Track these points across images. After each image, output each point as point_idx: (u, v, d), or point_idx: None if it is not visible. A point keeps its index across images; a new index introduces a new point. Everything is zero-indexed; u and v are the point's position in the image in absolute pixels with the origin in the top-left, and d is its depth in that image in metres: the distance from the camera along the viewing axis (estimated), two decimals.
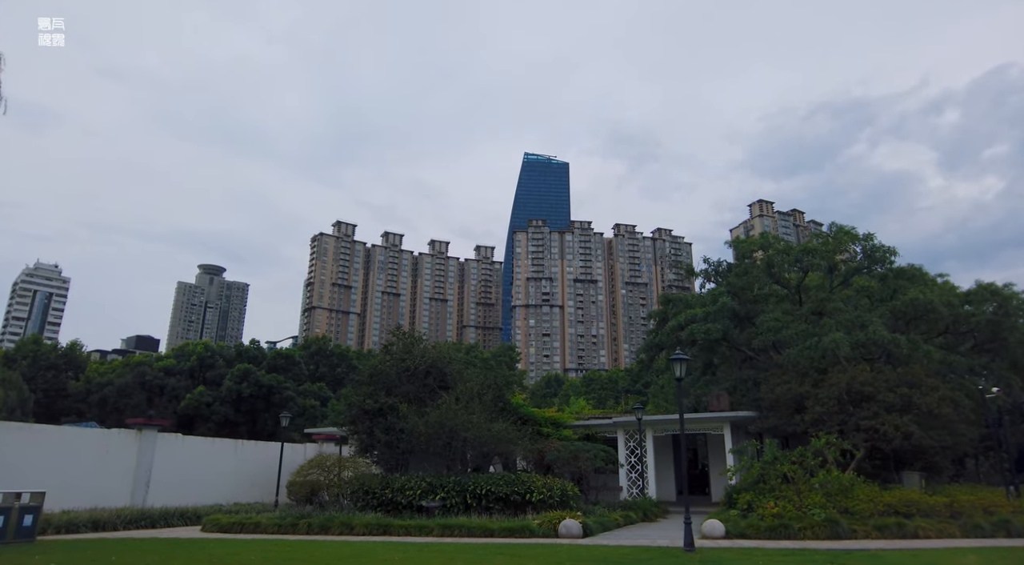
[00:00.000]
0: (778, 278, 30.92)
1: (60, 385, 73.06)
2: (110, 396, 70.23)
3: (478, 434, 22.10)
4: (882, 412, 20.97)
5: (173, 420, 69.54)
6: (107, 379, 71.73)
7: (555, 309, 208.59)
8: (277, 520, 19.16)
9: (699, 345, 31.20)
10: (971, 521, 17.04)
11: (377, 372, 26.29)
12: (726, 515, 18.42)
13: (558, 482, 21.26)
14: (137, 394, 71.39)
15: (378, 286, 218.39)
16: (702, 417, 26.77)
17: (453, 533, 17.48)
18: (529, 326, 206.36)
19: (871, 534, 16.34)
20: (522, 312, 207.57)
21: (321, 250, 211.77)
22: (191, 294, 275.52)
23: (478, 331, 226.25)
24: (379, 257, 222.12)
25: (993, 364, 31.68)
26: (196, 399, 67.89)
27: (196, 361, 75.97)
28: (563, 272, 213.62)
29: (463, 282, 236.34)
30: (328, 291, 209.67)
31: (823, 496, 17.83)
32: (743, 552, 14.11)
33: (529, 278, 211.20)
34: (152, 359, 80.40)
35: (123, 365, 75.78)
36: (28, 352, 74.08)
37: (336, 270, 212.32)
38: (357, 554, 13.69)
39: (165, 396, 72.85)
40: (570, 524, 17.14)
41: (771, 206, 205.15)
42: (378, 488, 21.84)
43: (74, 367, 76.09)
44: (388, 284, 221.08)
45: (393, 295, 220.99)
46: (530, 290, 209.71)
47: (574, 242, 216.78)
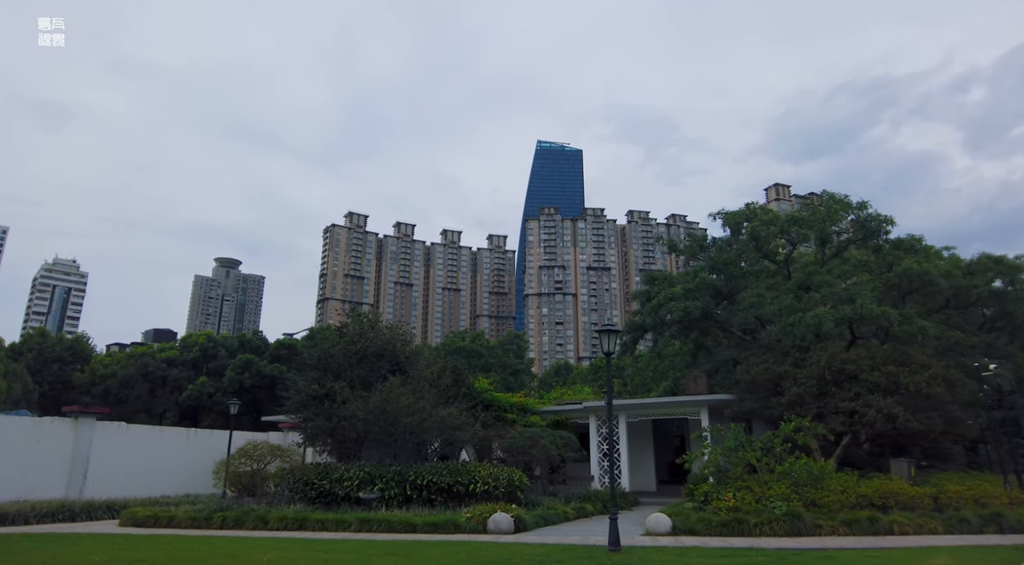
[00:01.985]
0: (766, 252, 28.67)
1: (66, 377, 73.03)
2: (113, 388, 70.00)
3: (421, 420, 20.36)
4: (864, 393, 18.79)
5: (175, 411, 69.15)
6: (111, 371, 71.53)
7: (568, 297, 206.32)
8: (193, 514, 17.70)
9: (680, 324, 29.12)
10: (957, 515, 14.95)
11: (326, 355, 24.67)
12: (679, 508, 16.52)
13: (505, 472, 19.47)
14: (140, 385, 71.11)
15: (391, 277, 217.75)
16: (676, 401, 24.79)
17: (372, 528, 15.84)
18: (542, 315, 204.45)
19: (838, 530, 14.32)
20: (535, 301, 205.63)
21: (333, 241, 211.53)
22: (208, 287, 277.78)
23: (491, 320, 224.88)
24: (391, 247, 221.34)
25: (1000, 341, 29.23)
26: (198, 390, 67.36)
27: (199, 352, 75.51)
28: (576, 260, 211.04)
29: (476, 271, 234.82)
30: (341, 282, 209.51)
31: (790, 487, 15.84)
32: (676, 552, 12.23)
33: (542, 266, 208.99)
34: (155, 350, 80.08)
35: (127, 357, 75.60)
36: (34, 344, 74.12)
37: (348, 261, 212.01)
38: (230, 553, 12.06)
39: (168, 387, 72.48)
40: (500, 518, 15.35)
41: (787, 189, 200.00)
42: (316, 478, 20.28)
43: (80, 359, 76.05)
44: (401, 274, 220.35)
45: (406, 285, 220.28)
46: (543, 278, 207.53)
47: (587, 229, 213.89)
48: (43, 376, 72.90)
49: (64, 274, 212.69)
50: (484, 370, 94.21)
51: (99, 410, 25.27)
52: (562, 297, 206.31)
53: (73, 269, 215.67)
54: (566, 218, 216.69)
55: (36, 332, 78.43)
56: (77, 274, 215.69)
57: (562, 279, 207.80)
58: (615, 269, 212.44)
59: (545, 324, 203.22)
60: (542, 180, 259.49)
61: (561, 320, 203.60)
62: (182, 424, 57.99)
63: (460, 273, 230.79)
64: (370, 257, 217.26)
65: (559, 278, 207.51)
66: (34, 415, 31.87)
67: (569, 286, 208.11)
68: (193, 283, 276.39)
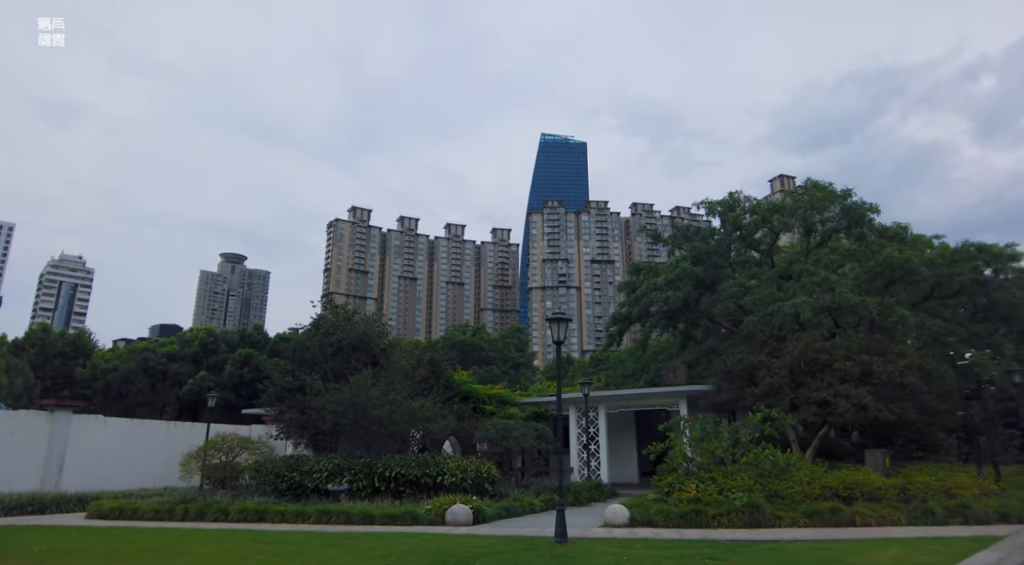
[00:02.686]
0: (751, 242, 28.31)
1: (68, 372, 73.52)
2: (114, 382, 70.42)
3: (391, 411, 20.21)
4: (836, 383, 18.45)
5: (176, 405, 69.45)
6: (112, 365, 71.94)
7: (572, 290, 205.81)
8: (157, 506, 17.63)
9: (666, 315, 28.82)
10: (923, 506, 14.61)
11: (301, 348, 24.57)
12: (641, 500, 16.29)
13: (473, 464, 19.31)
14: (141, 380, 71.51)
15: (394, 271, 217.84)
16: (654, 392, 24.54)
17: (331, 520, 15.71)
18: (546, 308, 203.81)
19: (799, 521, 14.04)
20: (539, 294, 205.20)
21: (337, 236, 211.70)
22: (213, 282, 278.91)
23: (495, 314, 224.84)
24: (395, 242, 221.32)
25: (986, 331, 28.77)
26: (198, 384, 67.67)
27: (199, 347, 75.80)
28: (579, 253, 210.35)
29: (480, 265, 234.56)
30: (345, 277, 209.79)
31: (754, 478, 15.55)
32: (623, 544, 12.01)
33: (545, 259, 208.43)
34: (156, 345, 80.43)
35: (128, 352, 75.97)
36: (36, 340, 74.64)
37: (352, 255, 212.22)
38: (170, 545, 11.93)
39: (168, 382, 72.83)
40: (457, 511, 15.17)
41: (792, 181, 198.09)
42: (286, 471, 20.21)
43: (82, 354, 76.52)
44: (404, 269, 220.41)
45: (410, 279, 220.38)
46: (546, 272, 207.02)
47: (590, 222, 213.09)
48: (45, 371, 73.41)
49: (70, 270, 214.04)
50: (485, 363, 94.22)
51: (75, 403, 25.28)
52: (566, 290, 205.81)
53: (79, 265, 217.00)
54: (570, 211, 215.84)
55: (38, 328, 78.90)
56: (83, 270, 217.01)
57: (566, 272, 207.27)
58: (619, 262, 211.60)
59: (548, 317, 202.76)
60: (546, 173, 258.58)
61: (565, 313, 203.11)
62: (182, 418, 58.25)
63: (464, 267, 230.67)
64: (374, 251, 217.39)
65: (563, 271, 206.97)
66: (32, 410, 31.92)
67: (573, 279, 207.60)
68: (199, 279, 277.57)
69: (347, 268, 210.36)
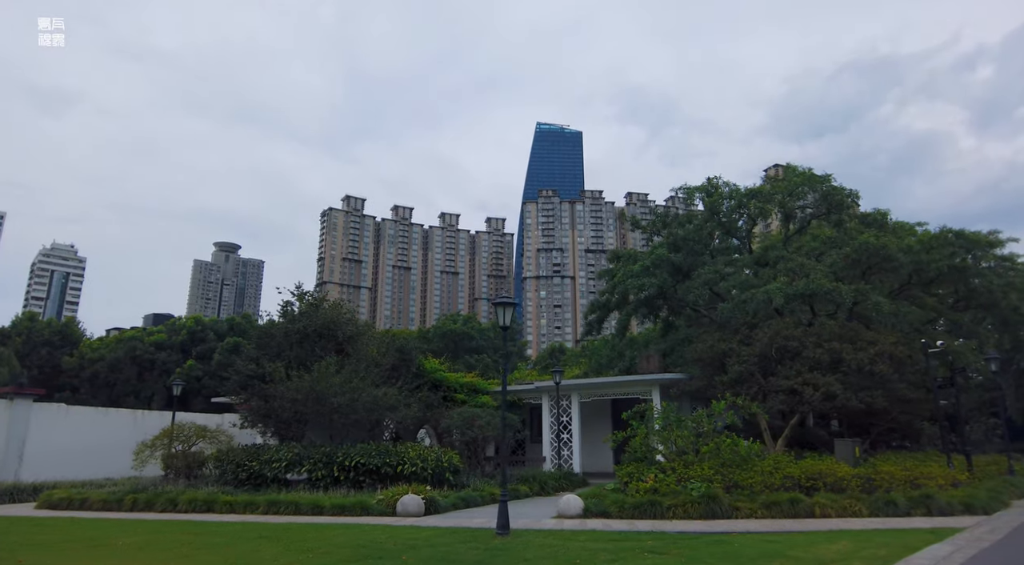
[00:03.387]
0: (728, 228, 27.79)
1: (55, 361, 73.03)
2: (101, 371, 70.00)
3: (352, 399, 19.74)
4: (805, 371, 18.02)
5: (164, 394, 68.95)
6: (99, 355, 71.49)
7: (566, 280, 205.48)
8: (105, 496, 17.23)
9: (647, 303, 28.38)
10: (886, 497, 14.23)
11: (265, 335, 24.07)
12: (598, 490, 15.90)
13: (434, 453, 18.88)
14: (128, 369, 71.11)
15: (388, 260, 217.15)
16: (626, 380, 24.11)
17: (279, 510, 15.29)
18: (540, 298, 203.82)
19: (756, 513, 13.64)
20: (533, 284, 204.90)
21: (331, 225, 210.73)
22: (207, 272, 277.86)
23: (490, 304, 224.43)
24: (389, 231, 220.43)
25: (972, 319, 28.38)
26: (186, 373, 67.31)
27: (187, 335, 75.33)
28: (574, 242, 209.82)
29: (474, 255, 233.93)
30: (339, 266, 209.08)
31: (715, 468, 15.14)
32: (567, 535, 11.59)
33: (540, 249, 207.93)
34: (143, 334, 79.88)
35: (116, 341, 75.48)
36: (23, 329, 74.06)
37: (346, 245, 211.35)
38: (92, 537, 11.50)
39: (156, 371, 72.44)
40: (408, 501, 14.75)
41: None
42: (246, 460, 19.76)
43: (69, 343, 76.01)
44: (399, 258, 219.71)
45: (404, 269, 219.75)
46: (541, 261, 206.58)
47: (585, 212, 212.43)
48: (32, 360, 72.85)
49: (62, 259, 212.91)
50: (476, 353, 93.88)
51: (34, 391, 24.75)
52: (560, 280, 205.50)
53: (71, 254, 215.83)
54: (564, 200, 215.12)
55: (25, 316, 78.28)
56: (75, 259, 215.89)
57: (560, 262, 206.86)
58: None
59: (543, 307, 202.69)
60: (541, 162, 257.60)
61: (559, 303, 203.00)
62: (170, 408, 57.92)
63: (458, 256, 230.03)
64: (368, 240, 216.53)
65: (557, 261, 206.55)
66: None
67: (567, 269, 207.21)
68: (192, 268, 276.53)
69: (341, 257, 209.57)
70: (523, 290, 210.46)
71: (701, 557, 9.44)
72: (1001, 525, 12.60)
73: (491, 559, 9.48)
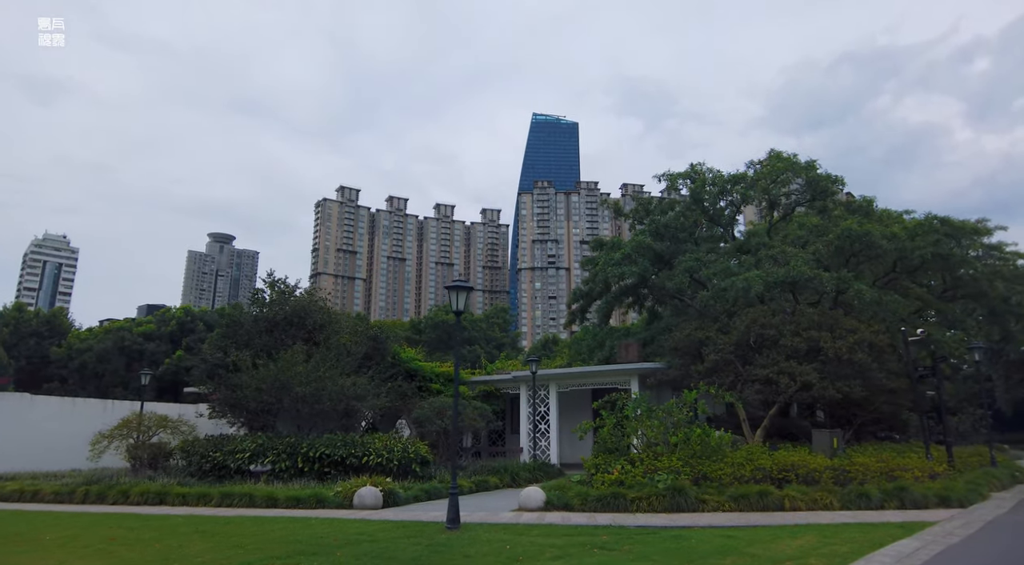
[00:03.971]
0: (712, 215, 27.19)
1: (43, 352, 72.46)
2: (89, 362, 69.44)
3: (317, 389, 19.18)
4: (781, 360, 17.47)
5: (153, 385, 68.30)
6: (87, 345, 70.89)
7: (561, 271, 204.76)
8: (58, 487, 16.73)
9: (622, 290, 27.82)
10: (859, 489, 13.71)
11: (234, 323, 23.49)
12: (564, 482, 15.41)
13: (400, 444, 18.35)
14: (116, 360, 70.53)
15: (383, 251, 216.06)
16: (604, 370, 23.59)
17: (232, 502, 14.77)
18: (535, 289, 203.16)
19: (724, 505, 13.12)
20: (528, 275, 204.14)
21: (325, 215, 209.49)
22: (201, 263, 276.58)
23: (485, 295, 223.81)
24: (383, 222, 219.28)
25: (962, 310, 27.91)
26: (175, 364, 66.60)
27: (176, 326, 74.70)
28: (569, 234, 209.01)
29: (469, 246, 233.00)
30: (333, 257, 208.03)
31: (684, 459, 14.62)
32: (521, 530, 11.06)
33: (535, 240, 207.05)
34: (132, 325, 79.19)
35: (104, 332, 74.83)
36: (10, 319, 73.40)
37: (341, 236, 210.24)
38: (19, 531, 10.93)
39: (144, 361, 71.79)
40: (364, 494, 14.21)
41: None
42: (210, 451, 19.20)
43: (57, 334, 75.36)
44: (393, 249, 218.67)
45: (399, 260, 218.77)
46: (536, 253, 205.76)
47: (580, 203, 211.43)
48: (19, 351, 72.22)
49: (55, 250, 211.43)
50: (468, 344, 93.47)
51: None
52: (555, 271, 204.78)
53: (64, 245, 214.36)
54: (560, 192, 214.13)
55: (12, 307, 77.53)
56: (68, 250, 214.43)
57: (555, 253, 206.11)
58: None
59: (538, 298, 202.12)
60: (537, 153, 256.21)
61: (554, 294, 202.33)
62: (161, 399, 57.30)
63: (453, 247, 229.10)
64: (363, 231, 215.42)
65: (552, 252, 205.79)
66: (9, 390, 30.74)
67: (562, 260, 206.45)
68: (187, 259, 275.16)
69: (335, 248, 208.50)
70: (518, 281, 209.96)
71: (651, 554, 8.91)
72: (975, 519, 12.11)
73: (430, 556, 8.94)
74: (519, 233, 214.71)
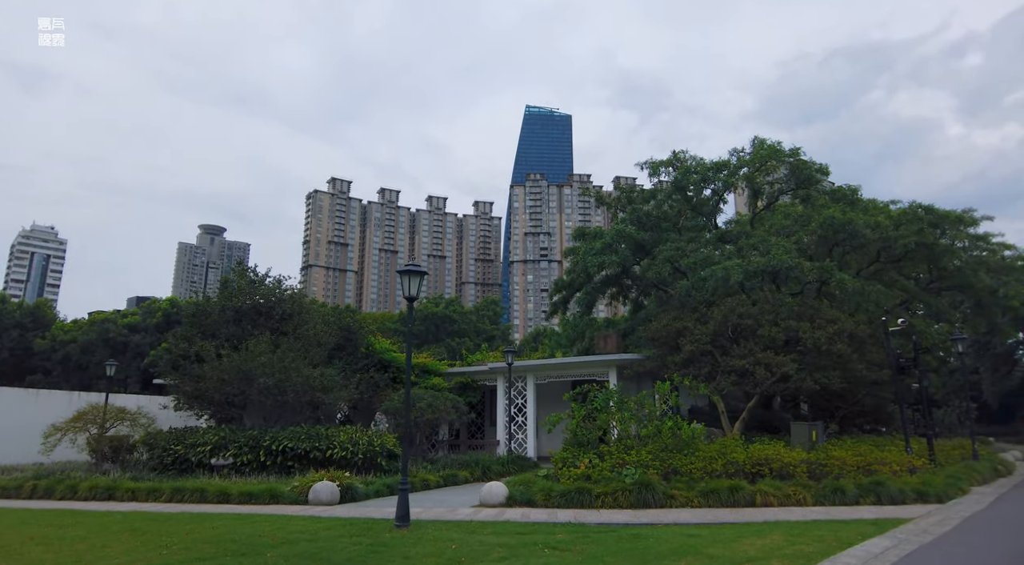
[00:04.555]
0: (695, 204, 26.57)
1: (26, 344, 71.42)
2: (73, 354, 68.44)
3: (280, 380, 18.53)
4: (758, 350, 16.92)
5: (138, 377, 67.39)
6: (72, 337, 69.90)
7: (553, 264, 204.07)
8: (5, 482, 16.04)
9: (604, 280, 27.22)
10: (834, 484, 13.23)
11: (200, 313, 22.79)
12: (530, 477, 14.84)
13: (366, 437, 17.74)
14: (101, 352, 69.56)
15: (375, 243, 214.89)
16: (583, 361, 23.03)
17: (184, 498, 14.13)
18: (527, 282, 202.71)
19: (693, 501, 12.60)
20: (520, 267, 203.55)
21: (316, 207, 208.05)
22: (192, 254, 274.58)
23: (477, 287, 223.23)
24: (375, 214, 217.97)
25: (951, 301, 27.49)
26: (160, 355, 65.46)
27: (161, 317, 73.66)
28: (562, 227, 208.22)
29: (462, 238, 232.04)
30: (325, 249, 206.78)
31: (653, 453, 14.08)
32: (473, 527, 10.49)
33: (527, 233, 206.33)
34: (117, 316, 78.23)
35: (88, 323, 73.82)
36: None
37: (332, 228, 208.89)
38: None
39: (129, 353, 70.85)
40: (320, 489, 13.59)
41: None
42: (172, 444, 18.55)
43: (41, 325, 74.31)
44: (385, 241, 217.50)
45: (391, 252, 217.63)
46: (528, 245, 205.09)
47: (573, 196, 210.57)
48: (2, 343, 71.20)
49: (42, 241, 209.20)
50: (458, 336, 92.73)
51: None
52: (547, 264, 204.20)
53: (51, 236, 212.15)
54: (552, 184, 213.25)
55: None
56: (56, 241, 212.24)
57: (547, 246, 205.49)
58: None
59: (530, 291, 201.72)
60: (530, 146, 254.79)
61: (546, 287, 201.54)
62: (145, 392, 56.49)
63: (446, 240, 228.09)
64: (354, 223, 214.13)
65: (544, 245, 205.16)
66: None
67: (555, 253, 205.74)
68: (177, 250, 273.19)
69: (327, 240, 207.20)
70: (510, 274, 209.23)
71: (602, 555, 8.34)
72: (952, 515, 11.62)
73: (366, 557, 8.36)
74: (511, 226, 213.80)
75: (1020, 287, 28.62)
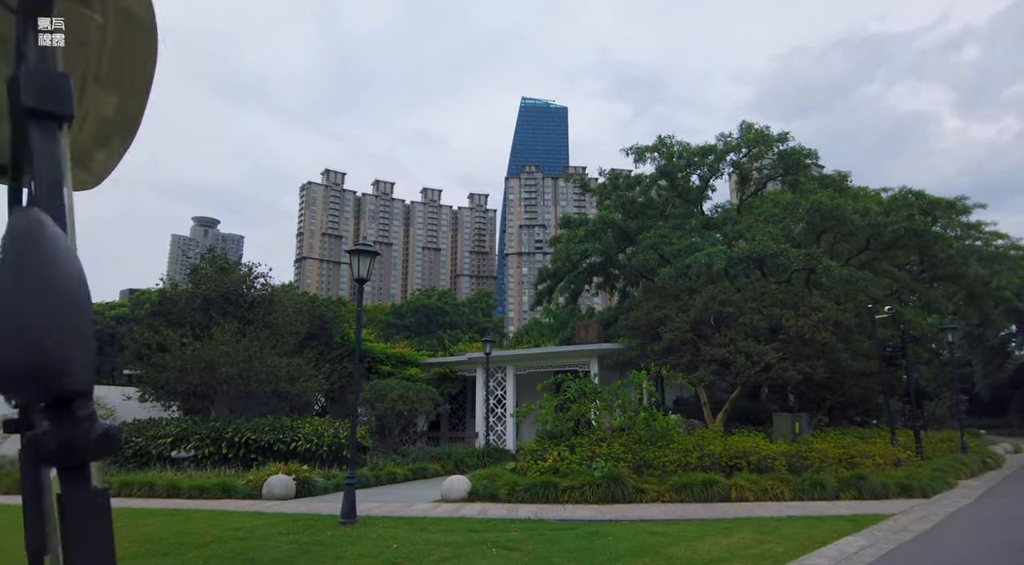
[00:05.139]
0: (681, 190, 25.87)
1: None
2: None
3: (243, 370, 17.82)
4: (739, 339, 16.26)
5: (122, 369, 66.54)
6: None
7: (548, 256, 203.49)
8: None
9: (589, 268, 26.56)
10: (814, 478, 12.58)
11: (166, 301, 22.06)
12: (498, 470, 14.19)
13: (331, 429, 17.06)
14: None
15: (369, 235, 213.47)
16: (563, 351, 22.36)
17: (132, 493, 13.45)
18: (522, 274, 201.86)
19: (664, 496, 11.95)
20: (515, 260, 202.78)
21: (310, 199, 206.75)
22: (185, 247, 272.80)
23: (472, 280, 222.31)
24: (369, 206, 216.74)
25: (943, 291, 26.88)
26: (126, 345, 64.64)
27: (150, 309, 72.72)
28: (556, 219, 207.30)
29: (457, 231, 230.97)
30: (318, 241, 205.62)
31: (626, 445, 13.43)
32: (426, 524, 9.83)
33: (522, 225, 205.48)
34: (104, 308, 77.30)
35: None
36: None
37: (326, 220, 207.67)
38: None
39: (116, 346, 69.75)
40: (274, 483, 12.92)
41: None
42: (133, 436, 17.84)
43: None
44: (380, 233, 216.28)
45: (385, 244, 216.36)
46: (523, 237, 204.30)
47: (568, 188, 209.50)
48: None
49: None
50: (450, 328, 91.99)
51: None
52: (543, 256, 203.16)
53: None
54: (547, 176, 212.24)
55: None
56: None
57: (543, 238, 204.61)
58: None
59: (525, 283, 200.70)
60: (526, 138, 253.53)
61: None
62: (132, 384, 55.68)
63: (440, 232, 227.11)
64: (348, 215, 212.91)
65: (539, 237, 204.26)
66: None
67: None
68: (171, 243, 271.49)
69: (320, 232, 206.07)
70: (505, 266, 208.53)
71: (552, 555, 7.67)
72: (936, 511, 10.99)
73: (299, 555, 7.69)
74: (506, 218, 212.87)
75: (1013, 277, 28.05)
